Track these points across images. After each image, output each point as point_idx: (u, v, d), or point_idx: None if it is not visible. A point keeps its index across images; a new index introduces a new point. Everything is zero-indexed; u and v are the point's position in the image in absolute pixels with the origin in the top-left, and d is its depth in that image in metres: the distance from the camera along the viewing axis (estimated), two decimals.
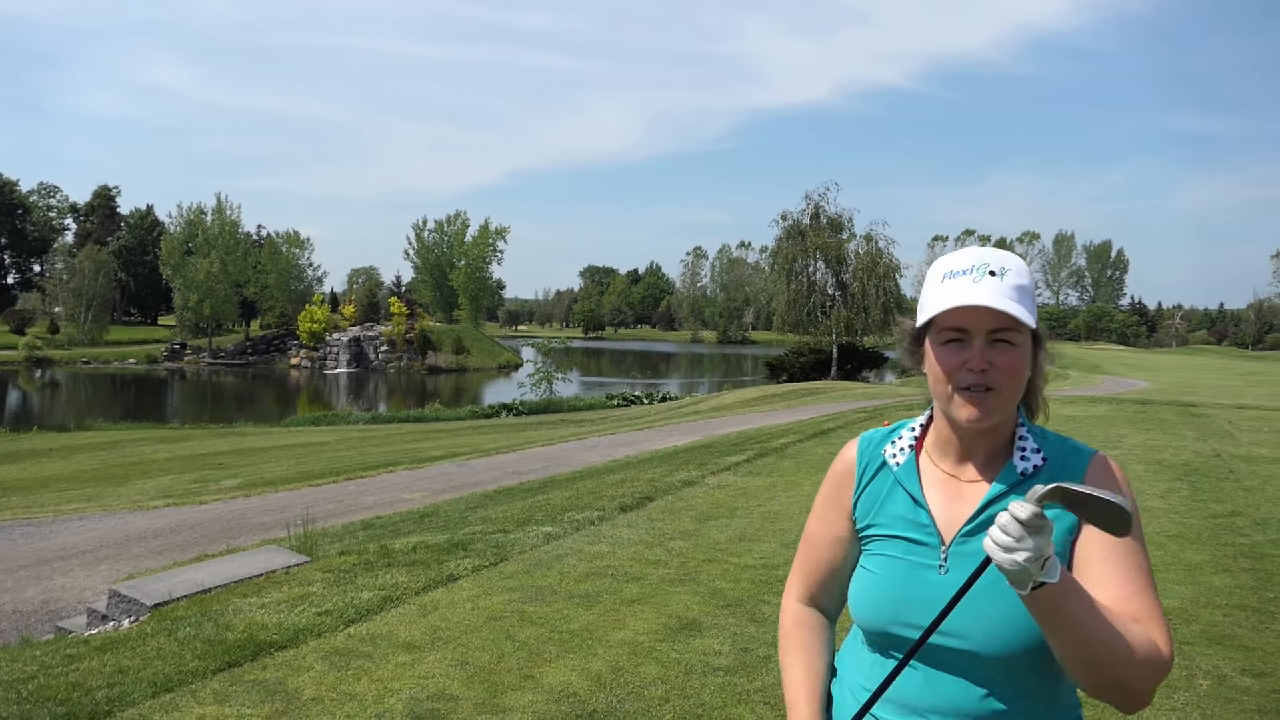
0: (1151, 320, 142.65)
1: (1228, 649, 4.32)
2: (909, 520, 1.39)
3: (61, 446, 20.92)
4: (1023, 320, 1.28)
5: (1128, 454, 10.97)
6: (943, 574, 1.33)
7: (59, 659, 4.46)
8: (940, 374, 1.33)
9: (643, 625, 4.56)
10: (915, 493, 1.39)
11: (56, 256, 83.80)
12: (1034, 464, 1.36)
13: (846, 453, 1.53)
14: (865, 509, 1.45)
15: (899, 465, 1.43)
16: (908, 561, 1.37)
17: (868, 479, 1.46)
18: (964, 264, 1.34)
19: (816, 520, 1.54)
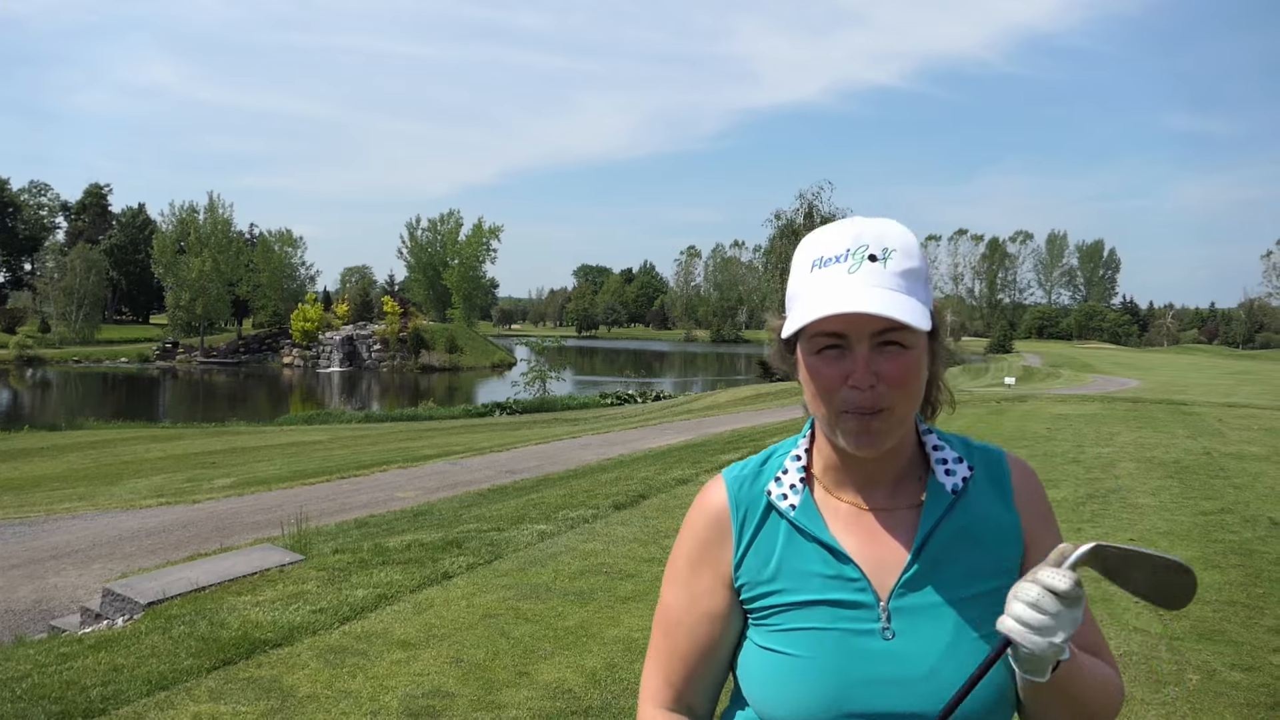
0: (1143, 319, 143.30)
1: (1217, 644, 4.36)
2: (828, 577, 1.05)
3: (53, 446, 20.85)
4: (912, 324, 0.99)
5: (1119, 451, 11.03)
6: (888, 639, 1.03)
7: (53, 658, 4.46)
8: (816, 391, 1.04)
9: (637, 622, 4.57)
10: (828, 540, 1.06)
11: (47, 255, 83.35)
12: (962, 477, 1.11)
13: (711, 498, 1.14)
14: (754, 571, 1.09)
15: (794, 508, 1.09)
16: (839, 631, 1.03)
17: (750, 530, 1.10)
18: (837, 247, 1.04)
19: (679, 594, 1.14)
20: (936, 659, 1.02)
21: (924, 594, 1.05)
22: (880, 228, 1.06)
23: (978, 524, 1.09)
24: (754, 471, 1.16)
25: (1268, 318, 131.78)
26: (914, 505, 1.10)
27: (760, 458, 1.18)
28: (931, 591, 1.05)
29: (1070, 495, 8.17)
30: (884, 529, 1.09)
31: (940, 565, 1.06)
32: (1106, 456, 10.63)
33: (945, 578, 1.06)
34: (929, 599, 1.04)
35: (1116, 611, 4.83)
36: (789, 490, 1.11)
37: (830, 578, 1.06)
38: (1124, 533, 6.68)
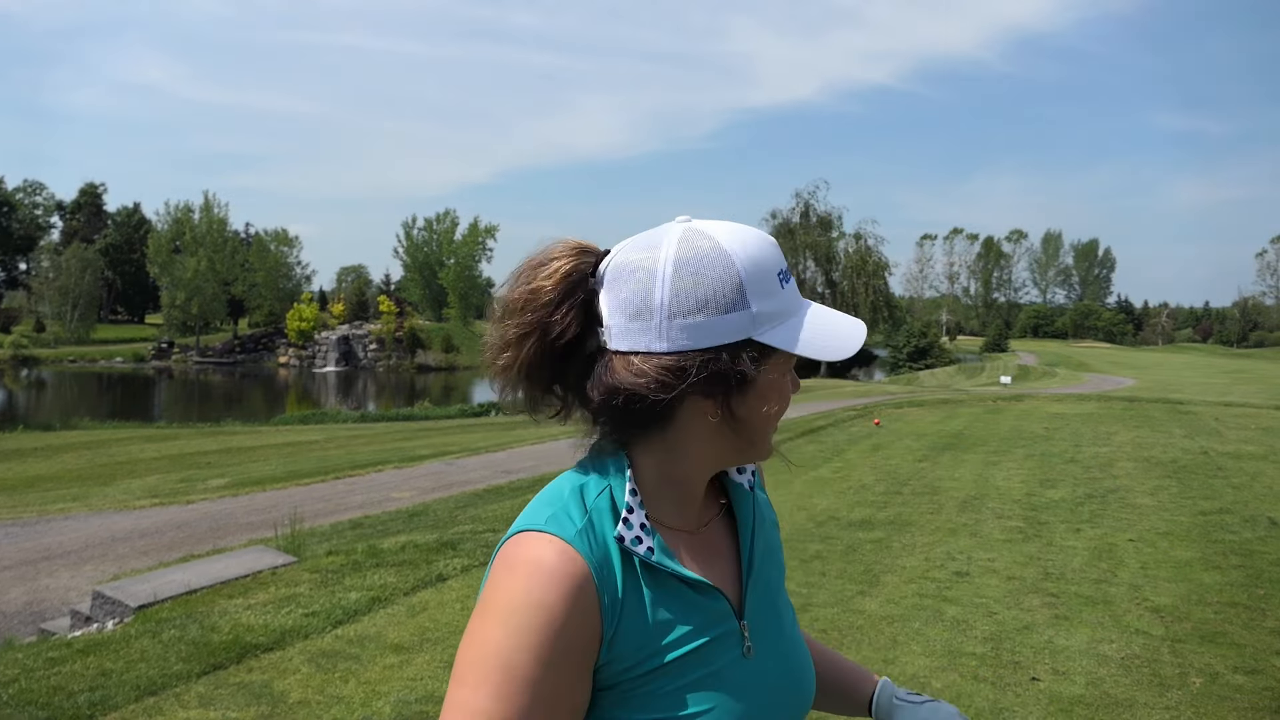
0: (1138, 318, 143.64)
1: (1220, 646, 4.31)
2: (700, 615, 0.95)
3: (47, 446, 20.74)
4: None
5: (1117, 451, 11.00)
6: (750, 657, 0.98)
7: (41, 662, 4.40)
8: (778, 411, 0.97)
9: None
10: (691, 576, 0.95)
11: (42, 254, 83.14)
12: (750, 472, 1.08)
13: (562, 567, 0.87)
14: (629, 643, 0.90)
15: (652, 551, 0.93)
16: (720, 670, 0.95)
17: (618, 594, 0.91)
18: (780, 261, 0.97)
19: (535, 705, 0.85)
20: (788, 661, 1.02)
21: (760, 600, 1.02)
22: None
23: (766, 518, 1.08)
24: (585, 520, 0.92)
25: (1262, 316, 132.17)
26: (716, 514, 1.04)
27: (574, 501, 0.93)
28: (764, 595, 1.03)
29: (1069, 495, 8.14)
30: (712, 546, 1.02)
31: (759, 566, 1.03)
32: (1104, 456, 10.60)
33: (765, 578, 1.04)
34: (763, 603, 1.02)
35: (1118, 614, 4.79)
36: (641, 532, 0.93)
37: (701, 615, 0.95)
38: (1124, 533, 6.64)
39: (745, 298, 0.91)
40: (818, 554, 6.00)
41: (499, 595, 0.88)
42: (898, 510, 7.46)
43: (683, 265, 0.91)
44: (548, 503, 0.93)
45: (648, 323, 0.91)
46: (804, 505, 7.67)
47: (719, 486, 1.06)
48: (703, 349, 0.90)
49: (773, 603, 1.04)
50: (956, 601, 4.97)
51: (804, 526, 6.82)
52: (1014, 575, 5.52)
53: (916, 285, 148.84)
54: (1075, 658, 4.15)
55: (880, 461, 10.28)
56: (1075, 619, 4.70)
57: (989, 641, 4.36)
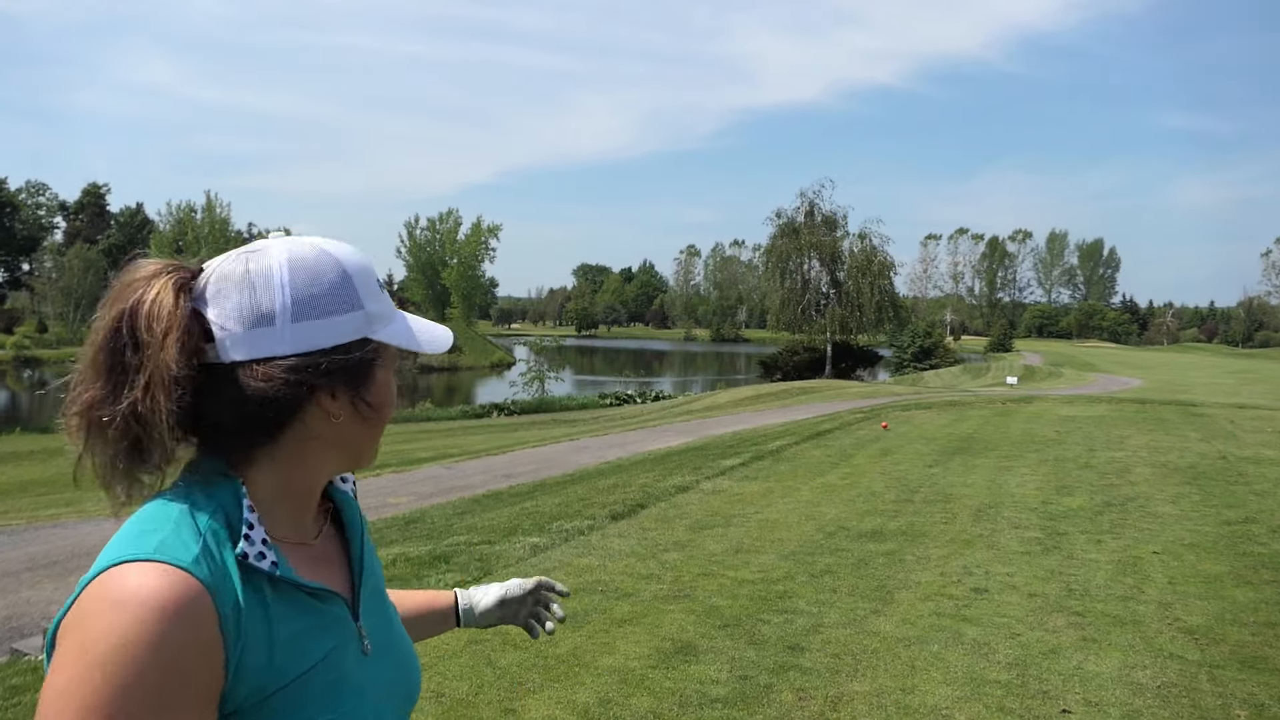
0: (1143, 318, 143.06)
1: (1261, 673, 4.03)
2: (323, 624, 0.95)
3: (43, 449, 20.50)
4: None
5: (1132, 456, 10.71)
6: (368, 656, 0.99)
7: (2, 690, 4.14)
8: (387, 414, 0.99)
9: (634, 649, 4.25)
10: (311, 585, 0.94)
11: (45, 255, 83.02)
12: (352, 479, 1.12)
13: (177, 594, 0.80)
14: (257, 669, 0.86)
15: (275, 565, 0.90)
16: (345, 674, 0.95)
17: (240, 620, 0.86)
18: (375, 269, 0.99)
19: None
20: (398, 654, 1.05)
21: (370, 600, 1.05)
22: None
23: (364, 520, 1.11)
24: (202, 543, 0.85)
25: (1267, 316, 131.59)
26: (327, 521, 1.06)
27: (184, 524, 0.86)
28: (372, 595, 1.06)
29: (1087, 503, 7.85)
30: (325, 553, 1.03)
31: (369, 568, 1.07)
32: (1120, 461, 10.30)
33: (372, 578, 1.07)
34: (373, 603, 1.05)
35: (1149, 635, 4.51)
36: (263, 547, 0.90)
37: (325, 624, 0.95)
38: (1148, 544, 6.35)
39: (359, 298, 0.94)
40: (828, 568, 5.71)
41: (103, 636, 0.77)
42: (909, 520, 7.17)
43: (298, 269, 0.91)
44: (153, 528, 0.85)
45: (270, 328, 0.89)
46: (812, 515, 7.39)
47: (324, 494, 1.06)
48: (326, 349, 0.92)
49: (381, 603, 1.07)
50: (976, 621, 4.69)
51: (813, 538, 6.54)
52: (1035, 592, 5.23)
53: (921, 285, 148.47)
54: (1108, 686, 3.87)
55: (889, 467, 10.00)
56: (1104, 641, 4.42)
57: (1014, 668, 4.07)
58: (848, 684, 3.87)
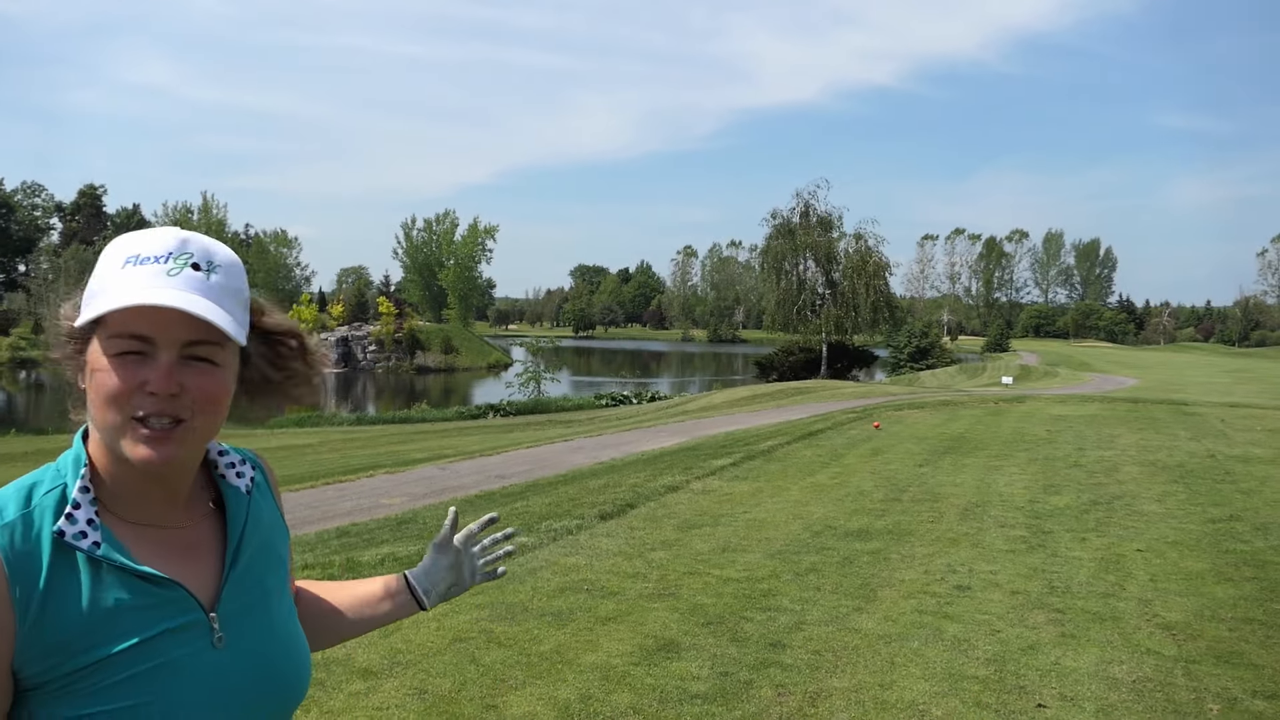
0: (1139, 318, 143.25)
1: (1236, 668, 4.08)
2: (150, 608, 0.96)
3: (38, 450, 20.50)
4: (229, 334, 0.96)
5: (1121, 455, 10.76)
6: (220, 647, 1.00)
7: None
8: (110, 393, 0.94)
9: (617, 646, 4.29)
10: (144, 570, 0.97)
11: (41, 256, 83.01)
12: (250, 478, 1.13)
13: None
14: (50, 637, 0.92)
15: (98, 545, 0.95)
16: (176, 660, 0.96)
17: (39, 591, 0.92)
18: (157, 248, 0.98)
19: None
20: (270, 649, 1.06)
21: (243, 595, 1.06)
22: (208, 243, 1.02)
23: (264, 520, 1.13)
24: (21, 515, 0.94)
25: (1263, 315, 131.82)
26: (206, 513, 1.09)
27: (16, 498, 0.95)
28: (248, 591, 1.07)
29: (1073, 502, 7.90)
30: (193, 543, 1.05)
31: (250, 565, 1.08)
32: (1109, 460, 10.36)
33: (256, 575, 1.08)
34: (249, 598, 1.06)
35: (1127, 632, 4.56)
36: (87, 527, 0.95)
37: (152, 606, 0.97)
38: (1132, 542, 6.41)
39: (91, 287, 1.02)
40: (813, 566, 5.76)
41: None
42: (897, 519, 7.22)
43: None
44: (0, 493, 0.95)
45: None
46: (800, 514, 7.43)
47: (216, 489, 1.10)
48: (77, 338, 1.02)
49: (261, 601, 1.07)
50: (957, 619, 4.74)
51: (800, 537, 6.58)
52: (1018, 589, 5.28)
53: (918, 285, 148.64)
54: (1084, 681, 3.92)
55: (879, 466, 10.05)
56: (1083, 637, 4.47)
57: (992, 663, 4.12)
58: (827, 680, 3.91)
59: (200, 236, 1.02)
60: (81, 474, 0.98)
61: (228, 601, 1.04)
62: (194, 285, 0.96)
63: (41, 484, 0.97)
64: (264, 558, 1.11)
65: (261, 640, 1.06)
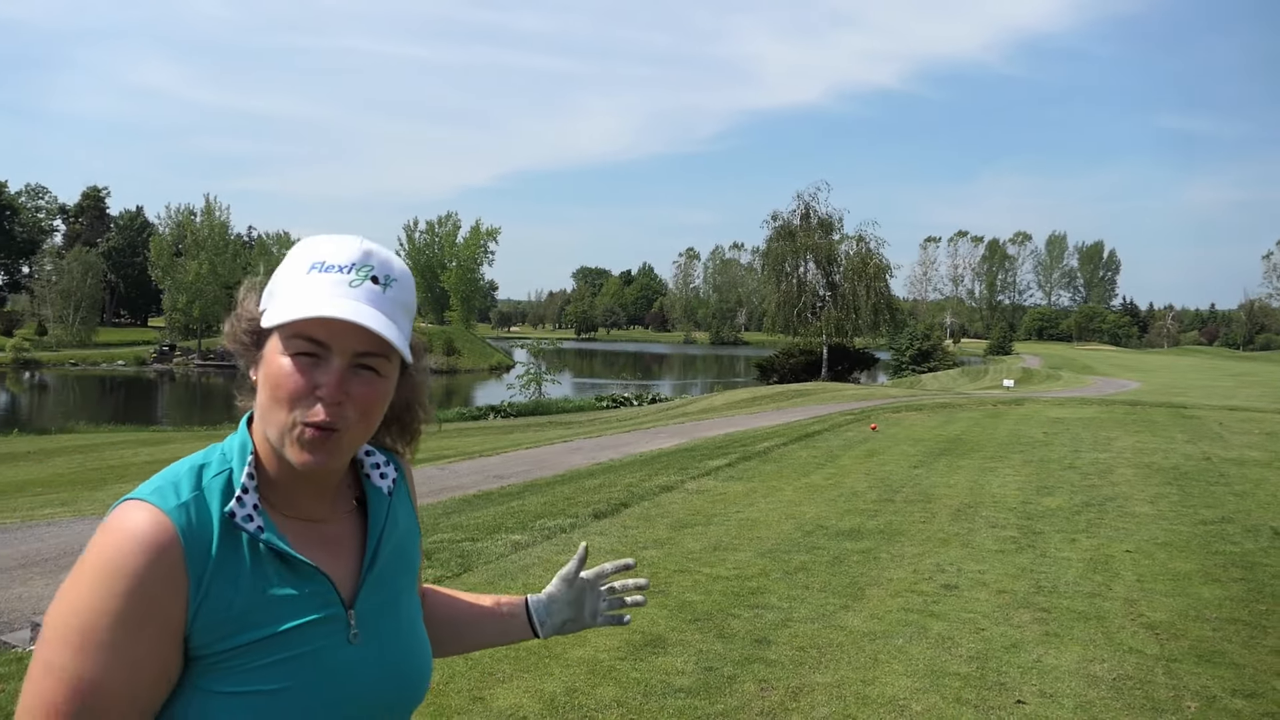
0: (1143, 321, 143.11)
1: (1217, 667, 4.12)
2: (300, 597, 1.01)
3: (40, 450, 20.62)
4: (399, 350, 1.01)
5: (1117, 457, 10.79)
6: (355, 643, 1.05)
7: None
8: (284, 394, 0.98)
9: (604, 642, 4.34)
10: (298, 559, 1.02)
11: (45, 258, 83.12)
12: (392, 479, 1.16)
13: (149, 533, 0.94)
14: (217, 613, 0.96)
15: (261, 529, 1.00)
16: (317, 651, 1.01)
17: (210, 567, 0.96)
18: (343, 257, 1.02)
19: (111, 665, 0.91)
20: (397, 652, 1.09)
21: (379, 594, 1.09)
22: (387, 256, 1.06)
23: (401, 522, 1.16)
24: (194, 496, 0.99)
25: (1268, 319, 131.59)
26: (350, 510, 1.12)
27: (189, 478, 1.00)
28: (383, 590, 1.10)
29: (1065, 503, 7.94)
30: (335, 538, 1.09)
31: (386, 564, 1.11)
32: (1104, 462, 10.39)
33: (389, 575, 1.11)
34: (383, 597, 1.10)
35: (1111, 631, 4.60)
36: (253, 511, 1.01)
37: (301, 597, 1.02)
38: (1121, 543, 6.44)
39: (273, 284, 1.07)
40: (802, 565, 5.80)
41: (91, 557, 0.94)
42: (888, 519, 7.26)
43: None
44: (164, 475, 1.00)
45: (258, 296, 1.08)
46: (792, 514, 7.47)
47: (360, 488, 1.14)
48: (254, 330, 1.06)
49: (393, 600, 1.11)
50: (943, 617, 4.78)
51: (791, 536, 6.63)
52: (1005, 589, 5.32)
53: (920, 288, 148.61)
54: (1064, 678, 3.96)
55: (874, 468, 10.09)
56: (1066, 636, 4.51)
57: (974, 660, 4.16)
58: (810, 676, 3.96)
59: (380, 249, 1.06)
60: (249, 461, 1.03)
61: (365, 599, 1.07)
62: (372, 298, 1.01)
63: (209, 466, 1.02)
64: (398, 558, 1.14)
65: (391, 640, 1.09)
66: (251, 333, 1.04)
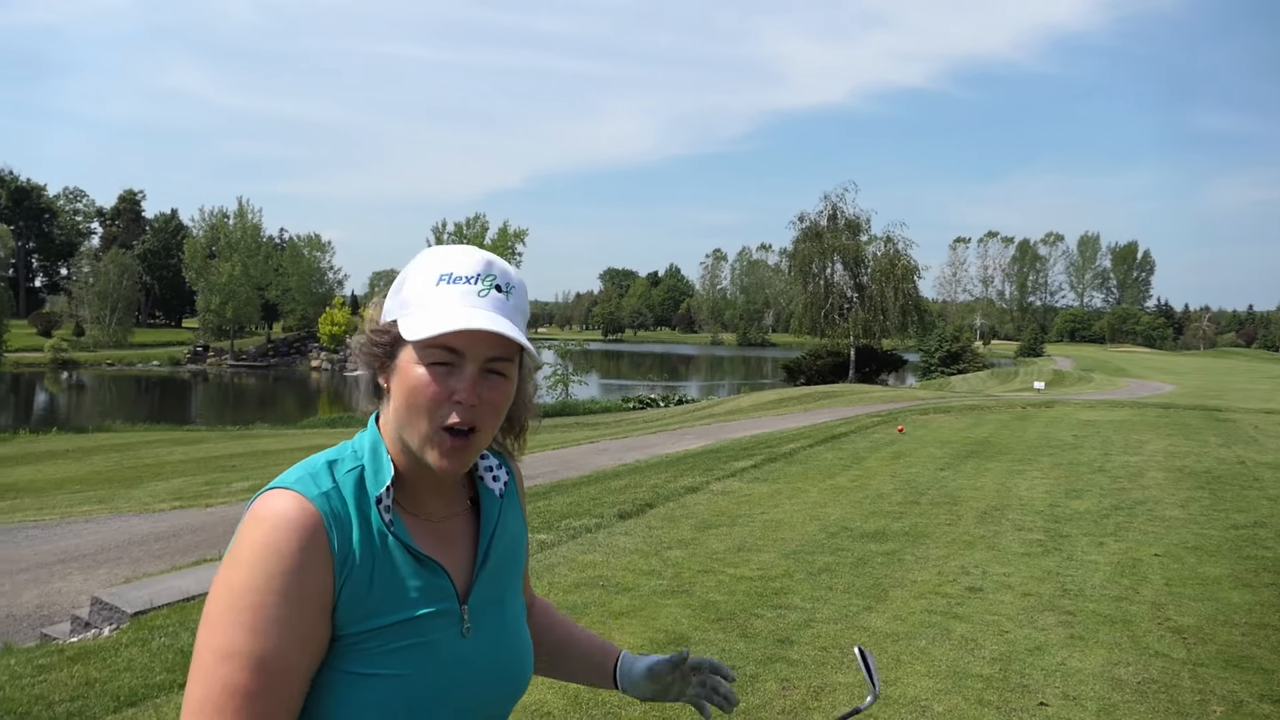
0: (1178, 322, 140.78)
1: (1245, 672, 4.09)
2: (422, 589, 1.07)
3: (77, 448, 21.03)
4: (528, 354, 1.09)
5: (1148, 460, 10.67)
6: (468, 637, 1.11)
7: (30, 669, 4.36)
8: (424, 402, 1.05)
9: (628, 640, 4.38)
10: (420, 553, 1.08)
11: (82, 260, 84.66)
12: (503, 480, 1.23)
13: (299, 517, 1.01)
14: (355, 596, 1.03)
15: (391, 523, 1.07)
16: (434, 641, 1.08)
17: (353, 551, 1.03)
18: (469, 268, 1.08)
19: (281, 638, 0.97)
20: (502, 648, 1.15)
21: (489, 590, 1.15)
22: (505, 265, 1.12)
23: (510, 524, 1.21)
24: (333, 485, 1.06)
25: None
26: (464, 510, 1.18)
27: (325, 472, 1.07)
28: (492, 587, 1.16)
29: (1094, 506, 7.87)
30: (450, 536, 1.15)
31: (496, 563, 1.17)
32: (1134, 465, 10.28)
33: (498, 574, 1.17)
34: (492, 594, 1.16)
35: (1137, 634, 4.57)
36: (389, 502, 1.08)
37: (424, 589, 1.08)
38: (1150, 547, 6.39)
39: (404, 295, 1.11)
40: (826, 566, 5.82)
41: (245, 544, 1.00)
42: (914, 521, 7.25)
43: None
44: (301, 468, 1.07)
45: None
46: (817, 515, 7.48)
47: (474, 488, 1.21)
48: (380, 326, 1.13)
49: (500, 597, 1.17)
50: (966, 619, 4.78)
51: (815, 537, 6.64)
52: (1030, 591, 5.30)
53: (949, 289, 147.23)
54: (1088, 681, 3.95)
55: (900, 470, 10.05)
56: (1091, 639, 4.49)
57: (997, 662, 4.16)
58: (832, 676, 3.98)
59: (498, 259, 1.12)
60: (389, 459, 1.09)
61: (476, 595, 1.13)
62: (498, 306, 1.07)
63: (341, 462, 1.08)
64: (507, 558, 1.20)
65: (498, 636, 1.15)
66: (384, 344, 1.09)
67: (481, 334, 1.03)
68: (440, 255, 1.10)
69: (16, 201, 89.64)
